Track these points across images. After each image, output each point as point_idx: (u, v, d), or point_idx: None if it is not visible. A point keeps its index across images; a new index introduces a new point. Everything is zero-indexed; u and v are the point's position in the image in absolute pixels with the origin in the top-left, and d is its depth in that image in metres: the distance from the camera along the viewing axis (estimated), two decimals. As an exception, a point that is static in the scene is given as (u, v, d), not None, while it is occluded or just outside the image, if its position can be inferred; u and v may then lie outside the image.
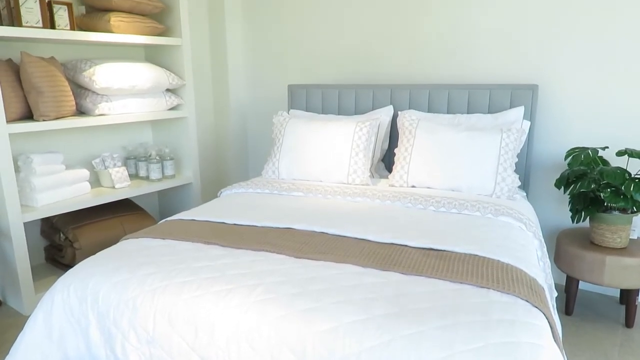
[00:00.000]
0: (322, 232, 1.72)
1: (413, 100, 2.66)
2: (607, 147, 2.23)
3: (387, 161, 2.77)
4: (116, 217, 2.74)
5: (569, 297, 2.28)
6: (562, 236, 2.33)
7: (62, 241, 2.58)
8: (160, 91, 2.87)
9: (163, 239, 1.70)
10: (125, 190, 2.73)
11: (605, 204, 2.13)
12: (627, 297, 2.15)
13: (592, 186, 2.09)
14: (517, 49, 2.51)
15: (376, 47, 2.90)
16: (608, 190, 2.05)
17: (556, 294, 1.85)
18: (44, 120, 2.33)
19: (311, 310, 1.21)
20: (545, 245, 1.86)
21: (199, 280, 1.38)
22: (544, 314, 1.22)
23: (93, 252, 2.57)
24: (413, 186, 2.33)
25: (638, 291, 2.13)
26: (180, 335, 1.30)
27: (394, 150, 2.46)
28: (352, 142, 2.43)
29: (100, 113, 2.57)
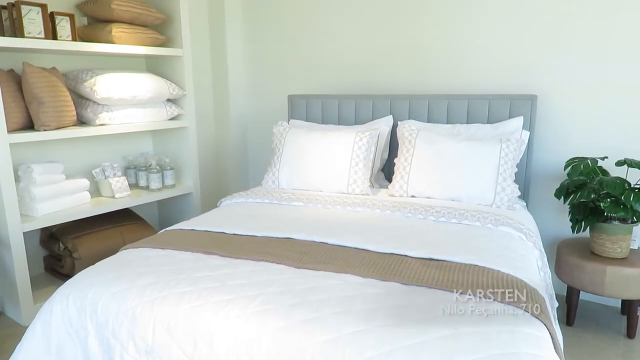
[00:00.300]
0: (322, 242, 1.72)
1: (413, 110, 2.67)
2: (607, 157, 2.23)
3: (387, 171, 2.77)
4: (116, 227, 2.73)
5: (570, 308, 2.27)
6: (563, 246, 2.33)
7: (62, 251, 2.57)
8: (160, 101, 2.88)
9: (163, 249, 1.70)
10: (125, 199, 2.73)
11: (605, 214, 2.13)
12: (629, 308, 2.15)
13: (592, 196, 2.10)
14: (517, 60, 2.53)
15: (376, 58, 2.92)
16: (608, 200, 2.05)
17: (557, 305, 1.84)
18: (45, 130, 2.34)
19: (311, 320, 1.21)
20: (545, 255, 1.86)
21: (199, 290, 1.37)
22: (545, 325, 1.21)
23: (92, 262, 2.51)
24: (413, 196, 2.33)
25: (639, 301, 2.12)
26: (179, 346, 1.29)
27: (394, 160, 2.46)
28: (352, 152, 2.43)
29: (101, 123, 2.57)
